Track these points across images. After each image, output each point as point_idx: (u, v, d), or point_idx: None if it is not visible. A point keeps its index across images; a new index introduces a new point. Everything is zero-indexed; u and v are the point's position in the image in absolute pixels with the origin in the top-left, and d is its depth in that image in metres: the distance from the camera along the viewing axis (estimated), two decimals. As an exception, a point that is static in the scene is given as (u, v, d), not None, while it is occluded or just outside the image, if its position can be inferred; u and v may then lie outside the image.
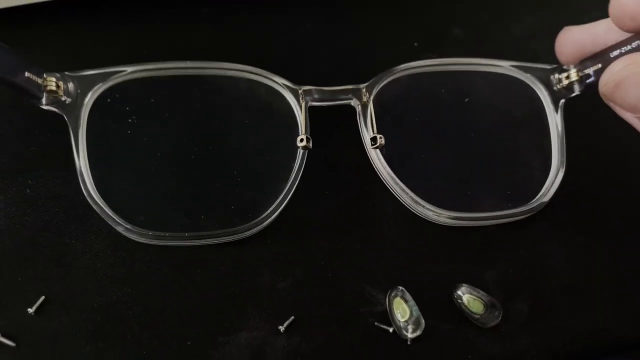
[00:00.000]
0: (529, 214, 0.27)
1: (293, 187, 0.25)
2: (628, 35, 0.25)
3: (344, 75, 0.31)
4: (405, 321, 0.24)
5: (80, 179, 0.24)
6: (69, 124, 0.24)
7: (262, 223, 0.25)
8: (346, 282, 0.25)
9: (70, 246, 0.24)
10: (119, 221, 0.24)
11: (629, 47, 0.25)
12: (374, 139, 0.26)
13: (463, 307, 0.24)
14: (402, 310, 0.24)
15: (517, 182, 0.28)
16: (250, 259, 0.25)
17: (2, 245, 0.24)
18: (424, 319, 0.24)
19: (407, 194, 0.26)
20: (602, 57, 0.26)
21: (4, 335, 0.22)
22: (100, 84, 0.25)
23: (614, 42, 0.25)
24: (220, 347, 0.23)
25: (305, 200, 0.26)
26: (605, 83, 0.23)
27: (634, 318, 0.26)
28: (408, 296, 0.24)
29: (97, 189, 0.24)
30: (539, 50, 0.34)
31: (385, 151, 0.26)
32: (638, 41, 0.25)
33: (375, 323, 0.24)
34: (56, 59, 0.29)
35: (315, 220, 0.26)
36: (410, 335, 0.24)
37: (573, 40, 0.27)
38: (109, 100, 0.25)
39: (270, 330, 0.24)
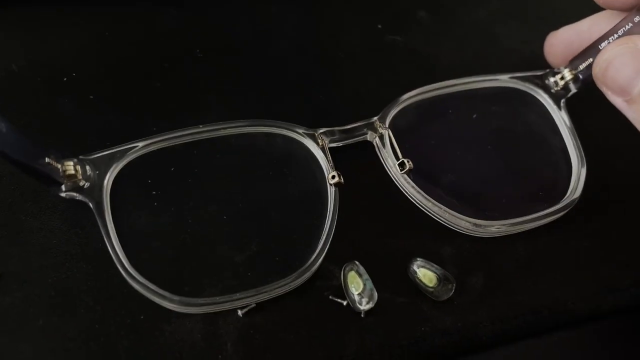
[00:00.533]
0: (564, 212, 0.27)
1: (333, 226, 0.25)
2: (612, 25, 0.26)
3: (309, 59, 0.32)
4: (359, 294, 0.24)
5: (116, 261, 0.23)
6: (93, 208, 0.24)
7: (310, 268, 0.24)
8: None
9: (25, 223, 0.24)
10: (167, 296, 0.23)
11: (615, 35, 0.26)
12: (402, 164, 0.26)
13: (417, 280, 0.25)
14: (356, 283, 0.24)
15: (544, 183, 0.29)
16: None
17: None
18: (380, 293, 0.24)
19: (447, 212, 0.26)
20: (591, 51, 0.28)
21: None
22: (116, 163, 0.25)
23: (599, 35, 0.27)
24: (173, 320, 0.23)
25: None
26: (598, 63, 0.24)
27: (587, 294, 0.26)
28: (362, 270, 0.24)
29: (135, 269, 0.23)
30: (502, 34, 0.35)
31: (412, 175, 0.27)
32: (623, 28, 0.26)
33: (330, 297, 0.24)
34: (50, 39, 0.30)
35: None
36: (363, 307, 0.24)
37: (561, 39, 0.29)
38: (127, 178, 0.25)
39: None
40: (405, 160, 0.26)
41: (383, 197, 0.27)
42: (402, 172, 0.26)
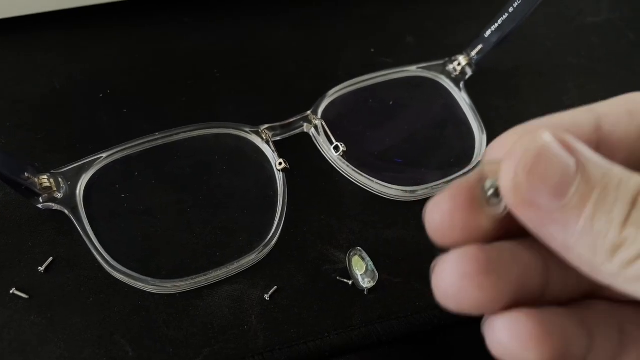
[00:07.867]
0: None
1: (285, 207, 0.29)
2: None
3: (312, 81, 0.36)
4: (362, 275, 0.28)
5: (100, 259, 0.26)
6: (71, 216, 0.27)
7: (270, 243, 0.28)
8: (312, 246, 0.29)
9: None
10: (149, 280, 0.26)
11: (497, 23, 0.32)
12: (336, 148, 0.31)
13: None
14: (360, 266, 0.28)
15: (454, 151, 0.34)
16: (230, 225, 0.29)
17: (14, 214, 0.28)
18: (378, 273, 0.28)
19: (380, 184, 0.31)
20: (480, 38, 0.33)
21: (18, 289, 0.26)
22: (85, 173, 0.28)
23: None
24: (204, 297, 0.27)
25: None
26: (519, 159, 0.15)
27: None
28: (365, 255, 0.28)
29: (117, 261, 0.26)
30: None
31: (346, 156, 0.31)
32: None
33: (337, 277, 0.28)
34: (46, 71, 0.34)
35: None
36: (366, 286, 0.28)
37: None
38: (97, 185, 0.28)
39: (248, 284, 0.27)
40: (339, 144, 0.31)
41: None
42: (338, 154, 0.31)
